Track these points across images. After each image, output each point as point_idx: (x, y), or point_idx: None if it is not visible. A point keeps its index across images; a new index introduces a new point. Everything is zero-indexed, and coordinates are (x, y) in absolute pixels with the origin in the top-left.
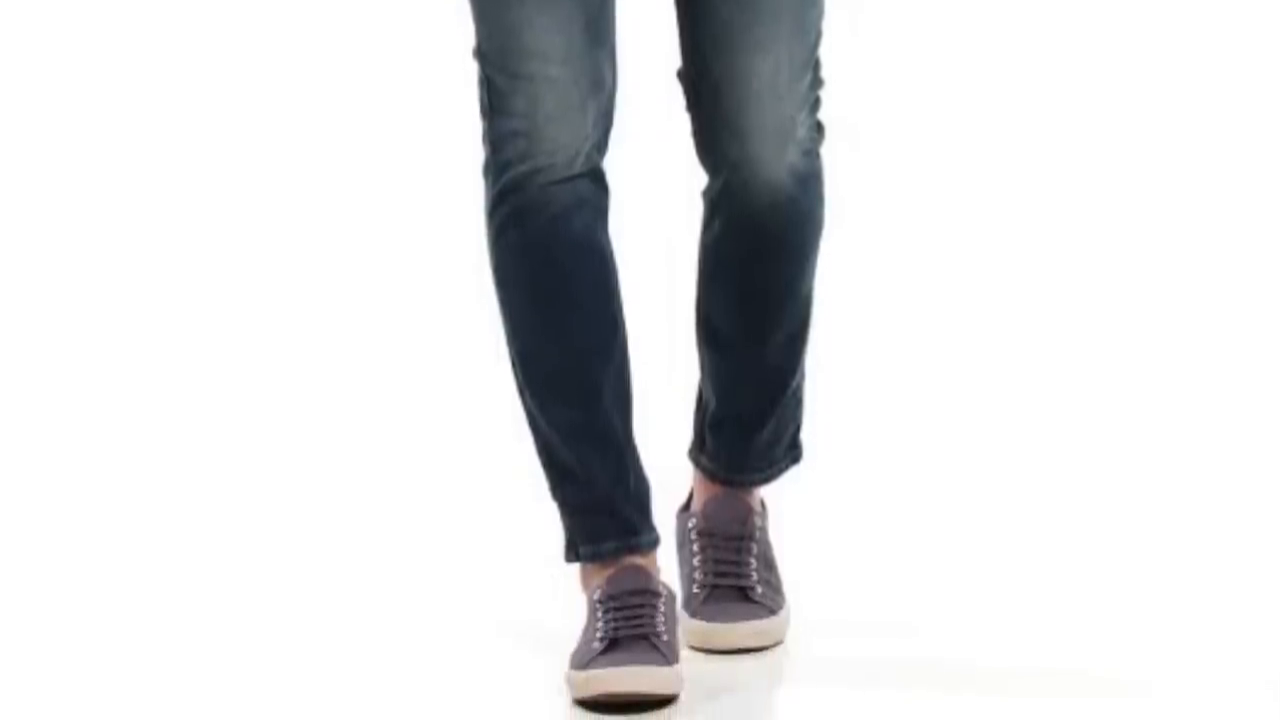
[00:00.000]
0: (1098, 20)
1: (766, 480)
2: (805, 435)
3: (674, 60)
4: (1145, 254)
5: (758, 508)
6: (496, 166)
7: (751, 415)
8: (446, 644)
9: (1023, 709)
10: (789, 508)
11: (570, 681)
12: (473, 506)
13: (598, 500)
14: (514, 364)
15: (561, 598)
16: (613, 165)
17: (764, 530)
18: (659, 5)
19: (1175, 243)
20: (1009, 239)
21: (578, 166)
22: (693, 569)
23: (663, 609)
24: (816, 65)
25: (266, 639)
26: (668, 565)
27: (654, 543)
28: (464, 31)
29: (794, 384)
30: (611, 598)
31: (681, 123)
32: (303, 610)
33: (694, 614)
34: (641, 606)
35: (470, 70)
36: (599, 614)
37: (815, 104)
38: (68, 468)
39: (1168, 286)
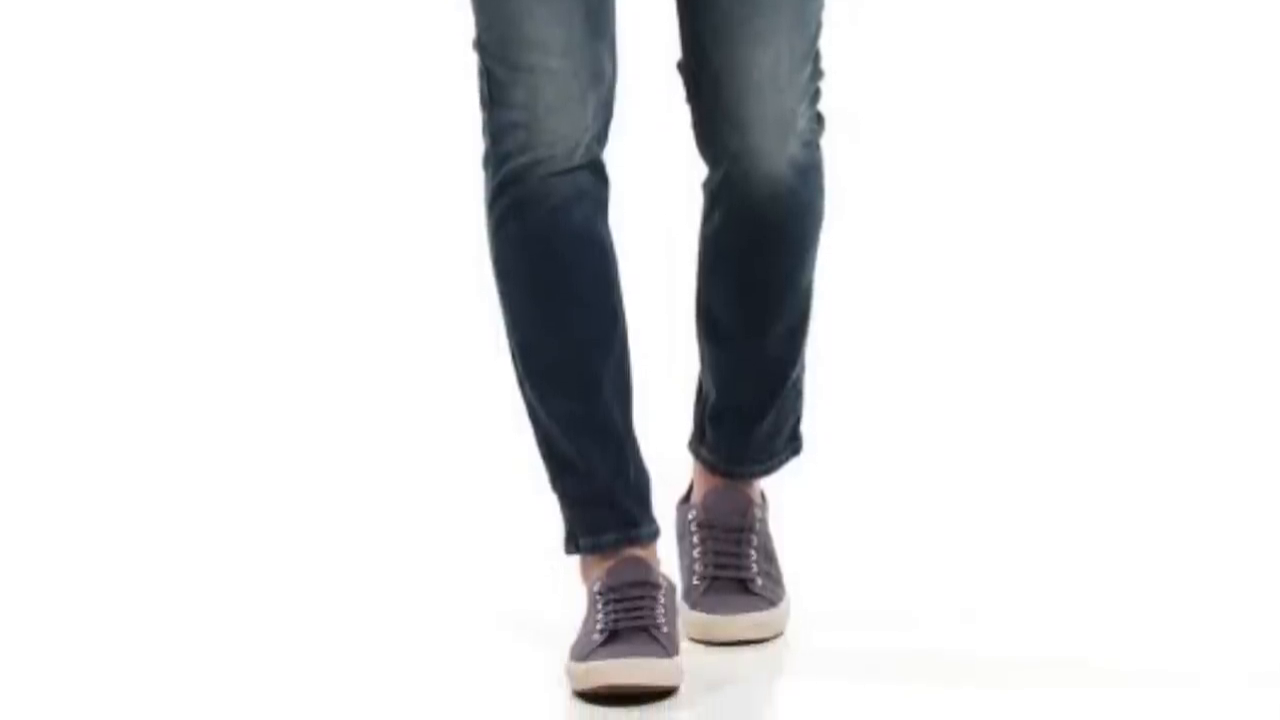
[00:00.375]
0: (1097, 11)
1: (766, 472)
2: (805, 427)
3: (674, 52)
4: (1145, 244)
5: (758, 499)
6: (496, 158)
7: (751, 407)
8: (446, 636)
9: (1023, 700)
10: (789, 499)
11: (570, 673)
12: (473, 498)
13: (598, 492)
14: (514, 356)
15: (561, 589)
16: (613, 157)
17: (764, 522)
18: None
19: (1175, 232)
20: (1009, 230)
21: (577, 158)
22: (693, 561)
23: (663, 601)
24: (817, 57)
25: (265, 631)
26: (668, 557)
27: (654, 534)
28: (464, 22)
29: (794, 376)
30: (611, 589)
31: (681, 114)
32: (302, 603)
33: (694, 606)
34: (641, 598)
35: (470, 62)
36: (599, 606)
37: (815, 95)
38: (68, 468)
39: (1167, 275)
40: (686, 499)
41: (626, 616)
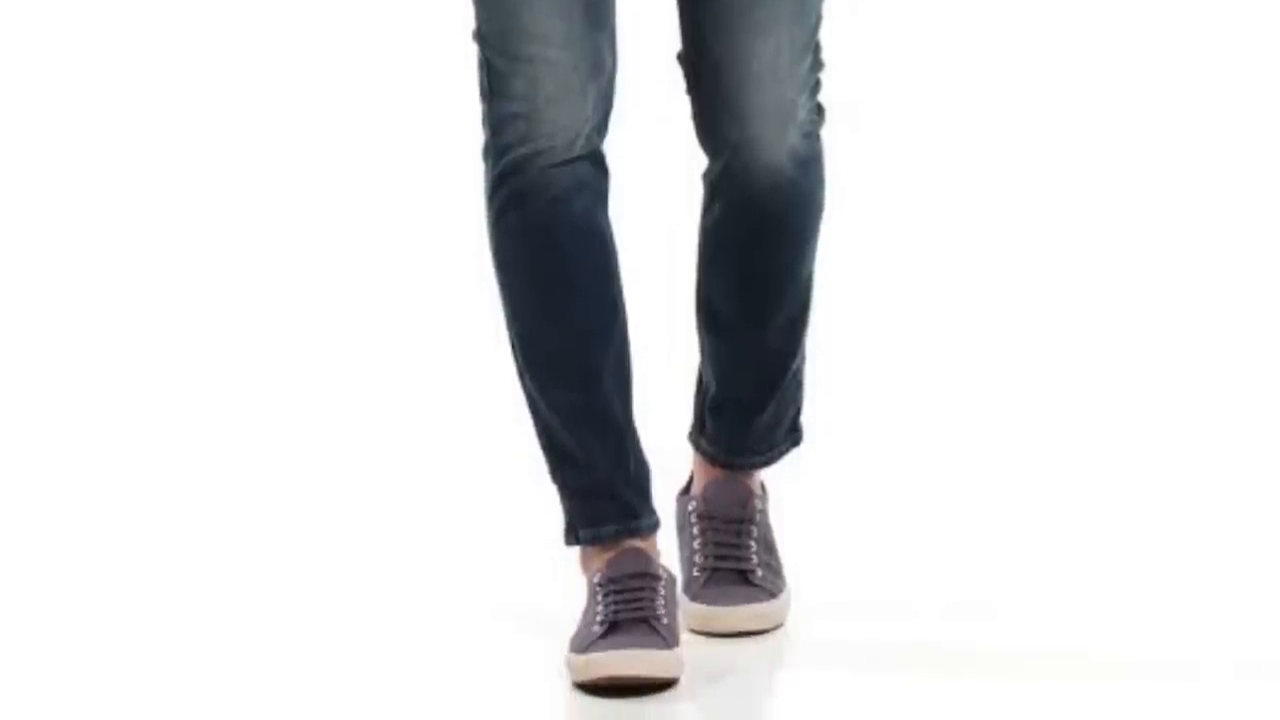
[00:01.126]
0: (1096, 4)
1: (767, 463)
2: (805, 418)
3: (674, 43)
4: (1144, 235)
5: (758, 491)
6: (496, 149)
7: (752, 398)
8: (446, 627)
9: (1022, 692)
10: (789, 491)
11: (570, 665)
12: (472, 489)
13: (597, 483)
14: (514, 347)
15: (561, 581)
16: (613, 148)
17: (764, 513)
18: None
19: (1174, 222)
20: (1009, 222)
21: (578, 149)
22: (693, 552)
23: (663, 592)
24: (817, 48)
25: (263, 623)
26: (668, 548)
27: (654, 526)
28: (463, 14)
29: (794, 367)
30: (611, 581)
31: (682, 106)
32: (301, 595)
33: (694, 597)
34: (641, 590)
35: (470, 53)
36: (599, 597)
37: (816, 86)
38: (68, 468)
39: (1168, 265)
40: (686, 490)
41: (626, 608)
